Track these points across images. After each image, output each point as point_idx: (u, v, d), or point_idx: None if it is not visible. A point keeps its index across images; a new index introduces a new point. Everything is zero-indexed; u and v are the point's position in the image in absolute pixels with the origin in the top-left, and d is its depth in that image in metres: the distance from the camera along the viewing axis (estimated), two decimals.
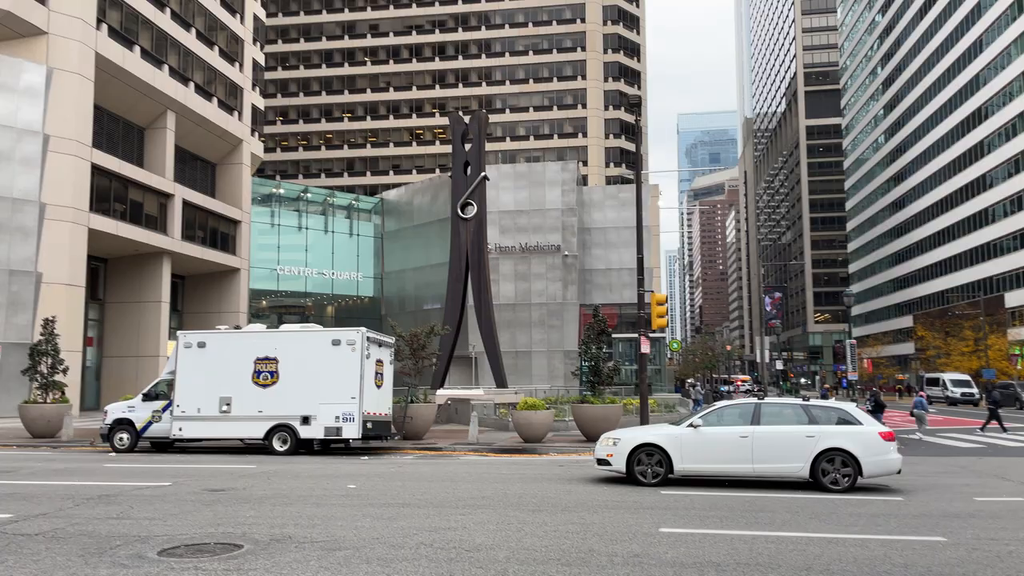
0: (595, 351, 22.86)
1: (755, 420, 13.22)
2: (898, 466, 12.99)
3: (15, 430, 25.00)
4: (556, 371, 48.05)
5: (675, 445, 13.22)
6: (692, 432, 13.31)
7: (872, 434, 12.92)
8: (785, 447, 12.92)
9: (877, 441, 12.85)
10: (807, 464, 12.80)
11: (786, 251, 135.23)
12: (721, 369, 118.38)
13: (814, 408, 13.35)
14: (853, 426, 13.03)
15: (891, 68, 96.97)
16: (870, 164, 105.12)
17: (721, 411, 13.76)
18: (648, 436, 13.54)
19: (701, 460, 13.22)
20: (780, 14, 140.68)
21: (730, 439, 13.12)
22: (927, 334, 76.82)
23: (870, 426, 13.11)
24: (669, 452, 13.20)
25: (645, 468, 13.25)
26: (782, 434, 13.01)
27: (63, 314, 33.09)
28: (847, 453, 12.70)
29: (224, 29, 49.49)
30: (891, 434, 13.14)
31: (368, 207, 60.01)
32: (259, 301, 55.46)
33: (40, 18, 34.65)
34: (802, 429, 12.98)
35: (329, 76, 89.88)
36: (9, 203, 32.89)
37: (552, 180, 50.62)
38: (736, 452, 13.05)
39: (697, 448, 13.18)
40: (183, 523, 9.68)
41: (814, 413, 13.22)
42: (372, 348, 19.75)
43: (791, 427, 13.06)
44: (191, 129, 45.83)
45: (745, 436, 13.05)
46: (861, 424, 13.08)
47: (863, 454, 12.70)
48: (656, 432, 13.69)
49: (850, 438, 12.84)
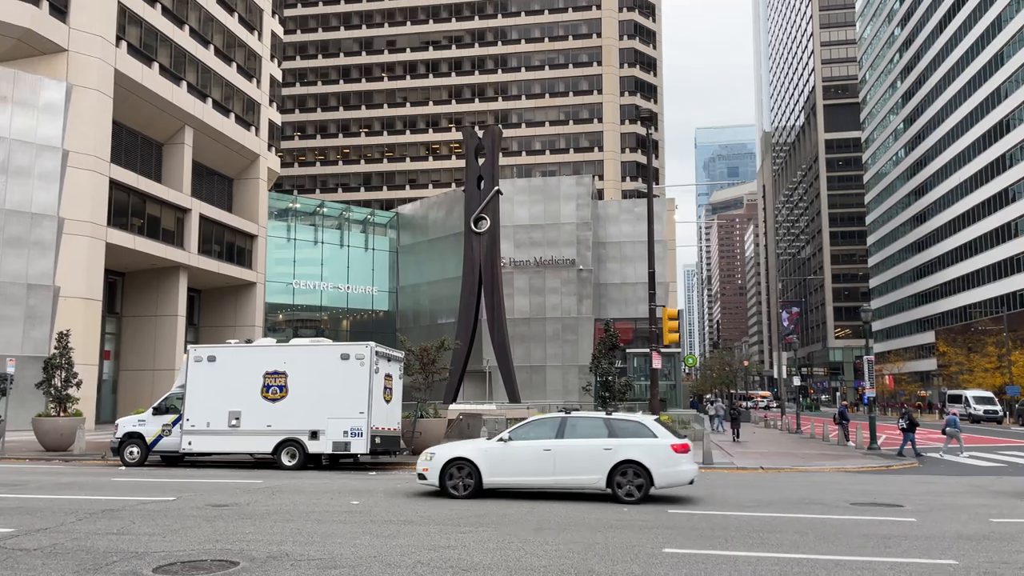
0: (606, 366, 22.66)
1: (560, 434, 13.60)
2: (690, 477, 13.36)
3: (29, 443, 25.15)
4: (571, 386, 47.76)
5: (484, 459, 13.60)
6: (501, 446, 13.70)
7: (665, 446, 13.26)
8: (584, 459, 13.33)
9: (669, 453, 13.20)
10: (604, 476, 13.20)
11: (806, 265, 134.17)
12: (739, 385, 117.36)
13: (615, 422, 13.73)
14: (648, 439, 13.34)
15: (911, 81, 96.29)
16: (890, 178, 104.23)
17: (531, 425, 14.20)
18: (460, 451, 13.92)
19: (508, 473, 13.63)
20: (798, 28, 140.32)
21: (535, 452, 13.49)
22: (949, 350, 75.73)
23: (664, 439, 13.40)
24: (479, 466, 13.55)
25: (456, 481, 13.59)
26: (582, 447, 13.41)
27: (80, 328, 33.39)
28: (640, 465, 13.09)
29: (242, 46, 50.02)
30: (685, 446, 13.44)
31: (383, 221, 60.24)
32: (275, 315, 55.73)
33: (60, 36, 35.17)
34: (601, 442, 13.36)
35: (347, 91, 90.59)
36: (28, 218, 33.23)
37: (567, 194, 50.56)
38: (540, 464, 13.43)
39: (505, 461, 13.57)
40: (182, 539, 9.62)
41: (614, 426, 13.59)
42: (381, 362, 19.69)
43: (590, 440, 13.43)
44: (208, 144, 46.25)
45: (548, 449, 13.43)
46: (656, 437, 13.40)
47: (655, 465, 13.09)
48: (468, 447, 14.12)
49: (644, 450, 13.20)
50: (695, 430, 31.63)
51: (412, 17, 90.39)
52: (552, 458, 13.38)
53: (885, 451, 26.12)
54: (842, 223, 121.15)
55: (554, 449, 13.41)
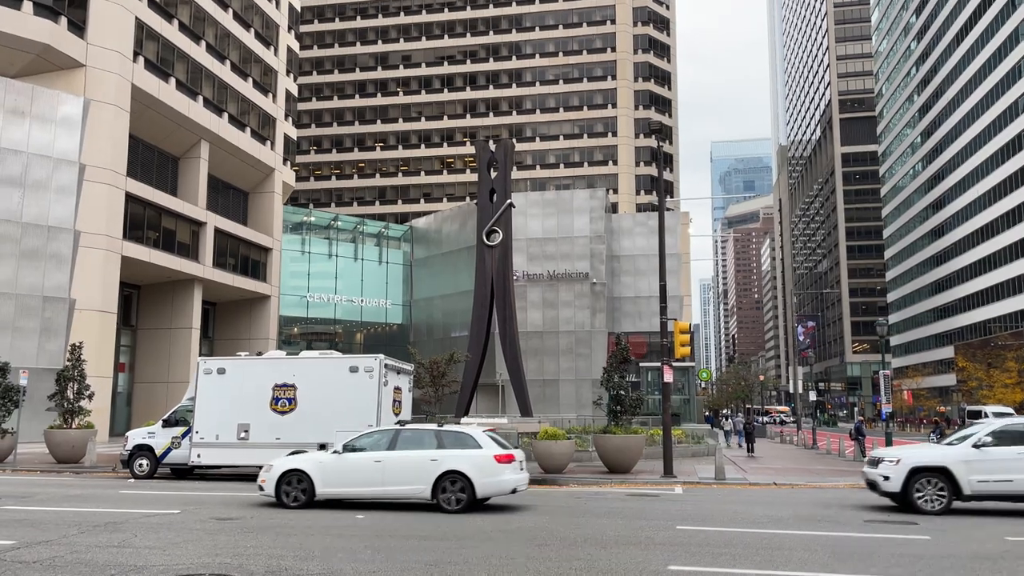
0: (618, 380, 22.44)
1: (391, 446, 14.04)
2: (511, 486, 13.77)
3: (41, 455, 25.26)
4: (584, 400, 47.46)
5: (318, 471, 13.98)
6: (335, 458, 14.10)
7: (488, 457, 13.66)
8: (412, 470, 13.72)
9: (491, 464, 13.61)
10: (429, 486, 13.59)
11: (822, 279, 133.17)
12: (756, 399, 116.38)
13: (444, 433, 14.14)
14: (473, 450, 13.74)
15: (928, 95, 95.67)
16: (908, 191, 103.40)
17: (366, 437, 14.53)
18: (295, 463, 14.22)
19: (341, 484, 14.01)
20: (814, 42, 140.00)
21: (366, 464, 13.90)
22: (968, 365, 74.71)
23: (488, 449, 13.77)
24: (312, 477, 13.92)
25: (291, 491, 13.91)
26: (410, 458, 13.83)
27: (95, 340, 33.62)
28: (463, 475, 13.48)
29: (258, 61, 50.48)
30: (509, 456, 13.81)
31: (397, 235, 60.39)
32: (289, 328, 55.89)
33: (78, 51, 35.61)
34: (428, 453, 13.78)
35: (362, 106, 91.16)
36: (45, 231, 33.57)
37: (580, 207, 50.47)
38: (370, 476, 13.84)
39: (338, 473, 13.99)
40: (182, 553, 9.55)
41: (443, 438, 14.01)
42: (390, 375, 19.63)
43: (418, 452, 13.85)
44: (224, 158, 46.61)
45: (379, 461, 13.85)
46: (481, 448, 13.77)
47: (477, 476, 13.49)
48: (304, 459, 14.41)
49: (468, 461, 13.61)
50: (708, 445, 31.34)
51: (427, 32, 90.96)
52: (382, 469, 13.78)
53: None
54: (859, 237, 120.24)
55: (384, 461, 13.81)
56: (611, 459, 21.58)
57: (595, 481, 19.71)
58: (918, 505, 14.34)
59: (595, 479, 20.06)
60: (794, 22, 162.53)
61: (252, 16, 50.01)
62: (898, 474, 14.58)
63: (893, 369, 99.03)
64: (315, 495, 13.90)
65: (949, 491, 14.35)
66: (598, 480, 19.85)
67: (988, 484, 14.30)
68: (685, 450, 29.09)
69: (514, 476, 13.82)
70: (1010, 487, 14.26)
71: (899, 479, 14.53)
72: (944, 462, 14.53)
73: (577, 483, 19.50)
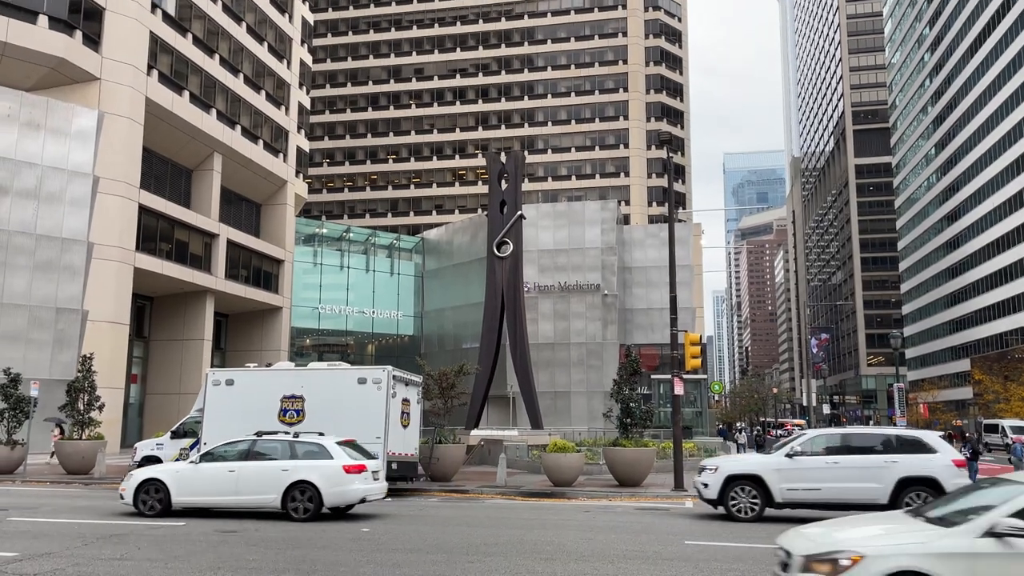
0: (628, 392, 22.27)
1: (247, 456, 14.42)
2: (359, 496, 14.18)
3: (51, 466, 25.31)
4: (595, 412, 47.10)
5: (175, 479, 14.35)
6: (191, 467, 14.50)
7: (337, 467, 13.99)
8: (263, 480, 14.08)
9: (340, 474, 13.94)
10: (279, 495, 13.92)
11: (837, 291, 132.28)
12: (770, 412, 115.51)
13: (297, 444, 14.57)
14: (324, 460, 14.10)
15: (942, 106, 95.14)
16: (922, 203, 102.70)
17: (224, 446, 14.88)
18: (153, 472, 14.64)
19: (196, 493, 14.34)
20: (827, 53, 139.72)
21: (220, 473, 14.25)
22: (985, 378, 73.83)
23: (338, 460, 14.08)
24: (169, 486, 14.27)
25: (148, 500, 14.23)
26: (261, 468, 14.21)
27: (107, 352, 33.74)
28: (312, 485, 13.82)
29: (271, 74, 50.83)
30: (359, 467, 14.13)
31: (409, 246, 60.47)
32: (301, 340, 55.96)
33: (93, 65, 35.96)
34: (279, 464, 14.18)
35: (375, 119, 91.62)
36: (59, 243, 33.77)
37: (591, 219, 50.33)
38: (224, 485, 14.19)
39: (194, 482, 14.33)
40: (183, 566, 9.48)
41: (296, 449, 14.44)
42: (398, 387, 19.53)
43: (271, 462, 14.25)
44: (237, 170, 46.86)
45: (233, 471, 14.20)
46: (333, 458, 14.09)
47: (325, 485, 13.83)
48: (162, 468, 14.92)
49: (317, 471, 13.95)
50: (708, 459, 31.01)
51: (440, 45, 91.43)
52: (236, 479, 14.15)
53: None
54: (873, 249, 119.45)
55: (238, 470, 14.20)
56: (621, 472, 21.37)
57: (604, 494, 19.52)
58: (732, 513, 14.73)
59: (604, 492, 19.86)
60: (807, 34, 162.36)
61: (266, 30, 50.40)
62: (715, 482, 14.96)
63: (909, 382, 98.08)
64: (171, 504, 14.22)
65: (762, 499, 14.71)
66: (607, 493, 19.65)
67: (797, 492, 14.66)
68: (696, 463, 28.76)
69: (364, 486, 14.19)
70: (818, 495, 14.62)
71: (716, 487, 14.93)
72: (757, 470, 14.88)
73: (586, 496, 19.32)
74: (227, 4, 45.96)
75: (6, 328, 31.87)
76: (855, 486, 14.51)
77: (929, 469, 14.53)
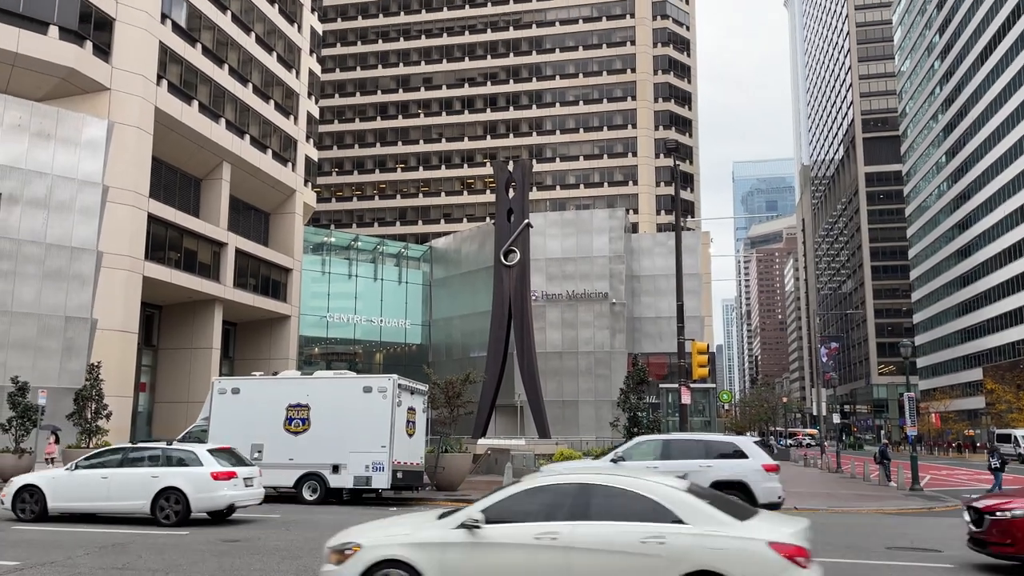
0: (635, 401, 22.18)
1: (121, 463, 14.95)
2: (227, 502, 14.44)
3: None
4: (604, 421, 46.91)
5: (50, 486, 14.86)
6: (67, 474, 15.03)
7: (205, 474, 14.39)
8: (134, 486, 14.51)
9: (208, 480, 14.31)
10: (148, 501, 14.33)
11: (847, 300, 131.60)
12: (780, 422, 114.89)
13: (170, 451, 15.09)
14: (194, 468, 14.51)
15: (952, 114, 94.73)
16: (933, 211, 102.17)
17: (101, 455, 15.46)
18: (31, 479, 15.23)
19: (71, 499, 14.82)
20: (836, 61, 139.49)
21: (94, 480, 14.75)
22: (997, 387, 73.24)
23: (207, 467, 14.44)
24: (45, 492, 14.76)
25: (25, 506, 14.74)
26: (132, 475, 14.67)
27: (116, 360, 33.87)
28: (180, 491, 14.21)
29: (280, 84, 51.06)
30: (230, 473, 14.49)
31: (417, 255, 60.53)
32: (309, 348, 56.02)
33: (103, 75, 36.21)
34: (150, 471, 14.67)
35: (383, 128, 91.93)
36: (68, 251, 33.95)
37: (599, 227, 50.25)
38: (98, 491, 14.67)
39: (69, 488, 14.81)
40: (185, 575, 9.43)
41: (170, 456, 14.93)
42: (404, 396, 19.49)
43: (141, 469, 14.76)
44: (245, 180, 47.04)
45: (106, 477, 14.70)
46: (203, 465, 14.48)
47: (192, 492, 14.18)
48: (39, 475, 15.45)
49: (185, 478, 14.38)
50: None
51: (448, 55, 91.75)
52: (108, 486, 14.63)
53: (928, 492, 25.08)
54: (884, 257, 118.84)
55: (111, 477, 14.69)
56: None
57: None
58: None
59: None
60: (816, 42, 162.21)
61: (275, 40, 50.66)
62: None
63: (921, 392, 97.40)
64: (47, 509, 14.69)
65: None
66: None
67: None
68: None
69: (233, 492, 14.50)
70: None
71: None
72: None
73: None
74: (236, 14, 46.24)
75: (16, 336, 32.04)
76: None
77: (740, 474, 15.30)
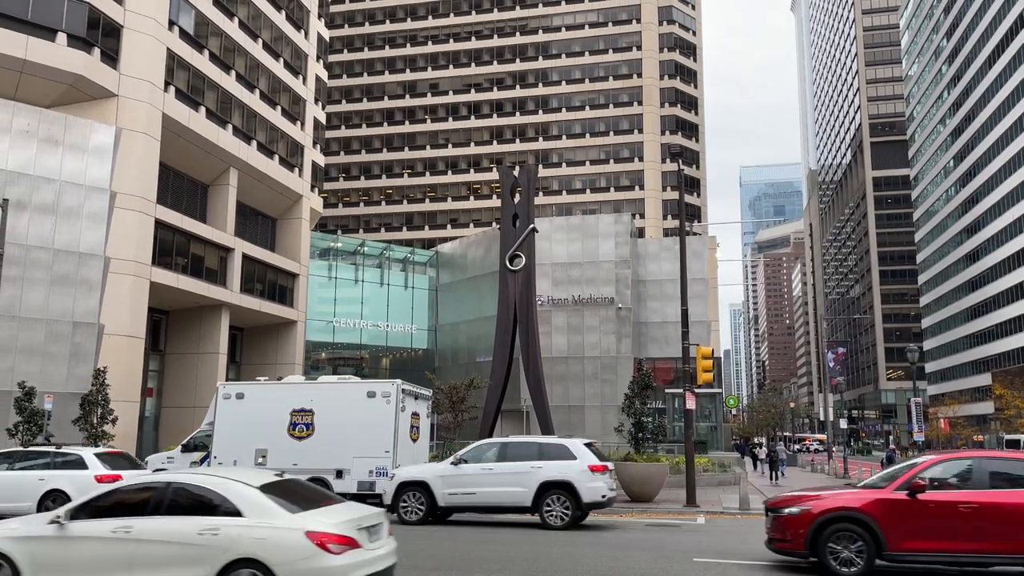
0: (639, 406, 22.14)
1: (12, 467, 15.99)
2: None
3: None
4: (610, 427, 46.64)
5: None
6: None
7: (89, 477, 15.47)
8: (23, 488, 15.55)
9: (91, 483, 14.99)
10: (35, 503, 15.30)
11: (855, 305, 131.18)
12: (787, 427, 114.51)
13: (58, 455, 16.28)
14: (79, 471, 15.64)
15: (960, 118, 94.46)
16: (941, 215, 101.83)
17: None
18: None
19: None
20: (843, 66, 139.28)
21: None
22: (1006, 393, 72.79)
23: (92, 470, 15.77)
24: None
25: None
26: (22, 478, 15.84)
27: (123, 365, 33.99)
28: (64, 494, 15.05)
29: (287, 90, 51.26)
30: (116, 476, 15.14)
31: (423, 260, 60.64)
32: (316, 353, 56.15)
33: (111, 81, 36.42)
34: (37, 474, 15.80)
35: (390, 134, 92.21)
36: (76, 257, 34.08)
37: (605, 232, 50.25)
38: None
39: None
40: None
41: (56, 459, 16.08)
42: (408, 401, 19.49)
43: (30, 472, 15.83)
44: (252, 185, 47.21)
45: None
46: (87, 469, 15.79)
47: (76, 493, 14.69)
48: None
49: (70, 480, 15.37)
50: (735, 473, 30.75)
51: (455, 61, 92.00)
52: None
53: None
54: (892, 261, 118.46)
55: (1, 479, 15.74)
56: (633, 487, 21.20)
57: (615, 510, 19.32)
58: (402, 516, 16.02)
59: (615, 508, 19.66)
60: (823, 46, 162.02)
61: (282, 46, 50.88)
62: (390, 488, 16.63)
63: (929, 397, 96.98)
64: None
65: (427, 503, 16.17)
66: (618, 509, 19.46)
67: (457, 496, 16.20)
68: (711, 479, 28.59)
69: None
70: (473, 499, 16.21)
71: (391, 493, 16.56)
72: (423, 477, 16.38)
73: None
74: (243, 21, 46.46)
75: (24, 341, 32.15)
76: (504, 490, 15.98)
77: (566, 474, 15.79)
